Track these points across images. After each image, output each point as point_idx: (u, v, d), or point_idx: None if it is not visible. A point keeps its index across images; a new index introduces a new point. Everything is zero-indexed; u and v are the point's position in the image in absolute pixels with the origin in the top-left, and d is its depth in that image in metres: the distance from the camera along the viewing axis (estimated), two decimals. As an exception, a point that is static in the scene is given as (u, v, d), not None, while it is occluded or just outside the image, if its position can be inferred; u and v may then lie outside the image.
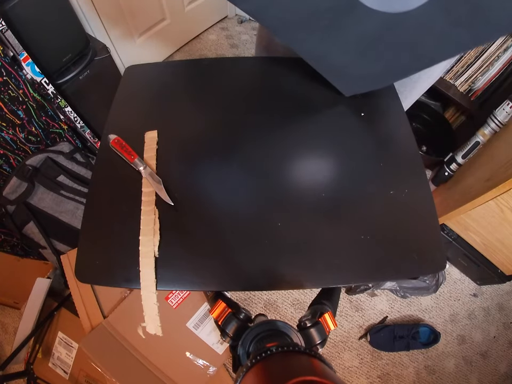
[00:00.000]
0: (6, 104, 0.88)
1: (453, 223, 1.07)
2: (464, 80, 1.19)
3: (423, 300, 1.21)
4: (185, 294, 0.82)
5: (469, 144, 1.15)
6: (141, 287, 0.37)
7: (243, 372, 0.23)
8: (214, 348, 0.82)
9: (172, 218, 0.42)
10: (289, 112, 0.52)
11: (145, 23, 1.51)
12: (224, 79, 0.58)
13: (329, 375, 0.20)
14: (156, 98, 0.56)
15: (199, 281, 0.38)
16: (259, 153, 0.48)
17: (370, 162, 0.47)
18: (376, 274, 0.40)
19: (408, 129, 0.50)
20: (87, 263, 0.40)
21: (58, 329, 0.91)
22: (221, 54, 1.82)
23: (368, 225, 0.41)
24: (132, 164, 0.45)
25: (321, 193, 0.44)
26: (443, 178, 1.28)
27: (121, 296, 0.79)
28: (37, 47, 0.91)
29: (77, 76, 1.07)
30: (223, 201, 0.43)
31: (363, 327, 1.16)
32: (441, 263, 0.40)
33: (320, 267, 0.39)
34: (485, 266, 1.11)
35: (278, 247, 0.40)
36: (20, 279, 1.06)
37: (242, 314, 0.38)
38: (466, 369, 1.13)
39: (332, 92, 0.57)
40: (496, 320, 1.21)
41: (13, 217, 0.97)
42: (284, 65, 0.59)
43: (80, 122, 1.12)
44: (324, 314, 0.37)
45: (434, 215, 0.43)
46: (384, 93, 0.56)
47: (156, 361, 0.75)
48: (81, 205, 1.03)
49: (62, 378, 0.87)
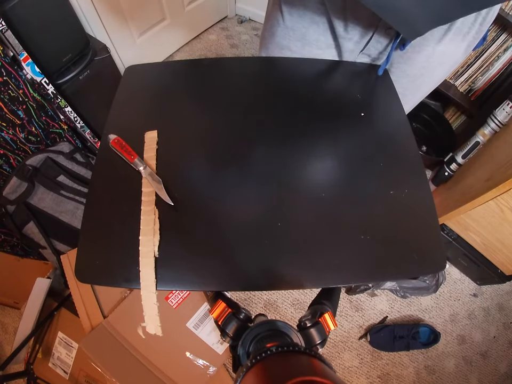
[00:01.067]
0: (6, 104, 0.88)
1: (453, 223, 1.08)
2: (464, 80, 1.19)
3: (423, 300, 1.21)
4: (185, 294, 0.82)
5: (469, 144, 1.15)
6: (141, 287, 0.37)
7: (243, 372, 0.23)
8: (214, 348, 0.82)
9: (172, 218, 0.42)
10: (289, 113, 0.52)
11: (145, 23, 1.51)
12: (224, 79, 0.58)
13: (329, 375, 0.20)
14: (156, 98, 0.56)
15: (199, 281, 0.38)
16: (259, 153, 0.48)
17: (370, 162, 0.47)
18: (376, 274, 0.40)
19: (408, 129, 0.50)
20: (87, 263, 0.40)
21: (58, 329, 0.91)
22: (221, 54, 1.82)
23: (368, 225, 0.41)
24: (131, 164, 0.45)
25: (321, 193, 0.44)
26: (443, 178, 1.28)
27: (121, 296, 0.79)
28: (37, 47, 0.91)
29: (77, 75, 1.07)
30: (223, 201, 0.43)
31: (363, 327, 1.16)
32: (441, 263, 0.40)
33: (320, 267, 0.39)
34: (485, 266, 1.12)
35: (278, 247, 0.40)
36: (20, 279, 1.06)
37: (242, 314, 0.38)
38: (466, 369, 1.13)
39: (332, 92, 0.57)
40: (496, 320, 1.21)
41: (13, 217, 0.97)
42: (284, 65, 0.59)
43: (80, 122, 1.12)
44: (324, 314, 0.37)
45: (434, 215, 0.43)
46: (385, 93, 0.56)
47: (156, 361, 0.75)
48: (81, 205, 1.03)
49: (62, 378, 0.87)
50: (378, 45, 0.54)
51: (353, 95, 0.55)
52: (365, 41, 0.54)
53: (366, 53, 0.57)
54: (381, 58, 0.57)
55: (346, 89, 0.58)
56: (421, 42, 0.51)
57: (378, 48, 0.55)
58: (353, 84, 0.58)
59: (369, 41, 0.54)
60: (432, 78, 0.58)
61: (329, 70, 0.60)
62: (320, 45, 0.57)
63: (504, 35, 1.02)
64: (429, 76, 0.57)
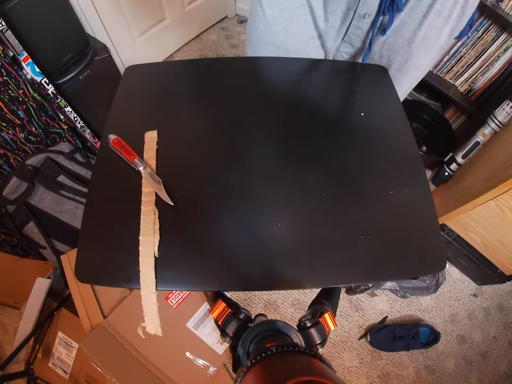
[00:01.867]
0: (6, 104, 0.88)
1: (453, 223, 1.08)
2: (464, 80, 1.19)
3: (423, 300, 1.21)
4: (185, 294, 0.82)
5: (469, 144, 1.15)
6: (140, 287, 0.37)
7: (243, 372, 0.23)
8: (214, 348, 0.82)
9: (172, 218, 0.42)
10: (289, 112, 0.52)
11: (145, 23, 1.51)
12: (224, 79, 0.58)
13: (329, 375, 0.20)
14: (156, 98, 0.56)
15: (199, 281, 0.38)
16: (259, 153, 0.48)
17: (370, 162, 0.47)
18: (376, 274, 0.40)
19: (408, 129, 0.50)
20: (87, 263, 0.40)
21: (58, 329, 0.91)
22: (221, 54, 1.82)
23: (368, 225, 0.41)
24: (131, 164, 0.45)
25: (321, 193, 0.44)
26: (443, 178, 1.28)
27: (121, 296, 0.79)
28: (37, 47, 0.91)
29: (77, 75, 1.07)
30: (223, 201, 0.43)
31: (363, 327, 1.16)
32: (441, 263, 0.40)
33: (320, 267, 0.39)
34: (485, 266, 1.11)
35: (278, 247, 0.40)
36: (20, 279, 1.06)
37: (242, 314, 0.38)
38: (466, 369, 1.13)
39: (332, 92, 0.57)
40: (496, 320, 1.21)
41: (13, 217, 0.97)
42: (284, 65, 0.59)
43: (80, 122, 1.12)
44: (324, 314, 0.37)
45: (434, 215, 0.43)
46: (385, 92, 0.56)
47: (156, 361, 0.75)
48: (81, 205, 1.03)
49: (62, 378, 0.87)
50: (358, 31, 0.54)
51: (353, 95, 0.55)
52: (345, 27, 0.54)
53: (348, 41, 0.57)
54: (364, 48, 0.57)
55: (346, 89, 0.58)
56: (401, 27, 0.51)
57: (359, 35, 0.55)
58: (353, 84, 0.58)
59: (349, 27, 0.53)
60: (418, 65, 0.57)
61: (330, 70, 0.60)
62: (302, 37, 0.57)
63: (504, 35, 1.02)
64: (414, 62, 0.56)
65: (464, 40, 1.10)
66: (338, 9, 0.51)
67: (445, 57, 1.18)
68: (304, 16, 0.54)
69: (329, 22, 0.54)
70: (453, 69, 1.19)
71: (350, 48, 0.58)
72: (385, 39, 0.54)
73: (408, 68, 0.57)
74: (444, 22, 0.49)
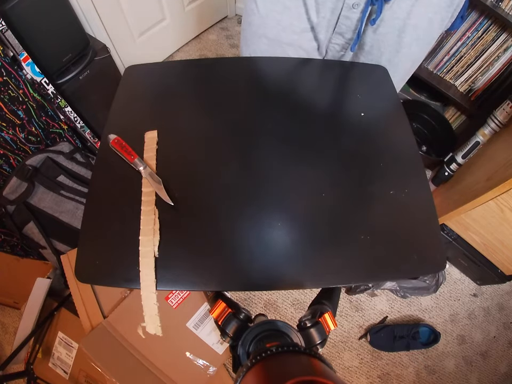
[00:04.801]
0: (6, 104, 0.88)
1: (453, 223, 1.08)
2: (464, 80, 1.19)
3: (423, 300, 1.21)
4: (185, 294, 0.82)
5: (469, 144, 1.15)
6: (140, 287, 0.37)
7: (243, 372, 0.23)
8: (214, 348, 0.82)
9: (172, 218, 0.42)
10: (289, 112, 0.52)
11: (145, 23, 1.51)
12: (224, 79, 0.58)
13: (329, 375, 0.20)
14: (156, 98, 0.56)
15: (199, 281, 0.38)
16: (259, 153, 0.48)
17: (370, 162, 0.47)
18: (376, 274, 0.40)
19: (408, 129, 0.50)
20: (87, 263, 0.40)
21: (58, 329, 0.91)
22: (221, 54, 1.82)
23: (368, 225, 0.41)
24: (131, 164, 0.45)
25: (321, 193, 0.44)
26: (443, 178, 1.28)
27: (121, 296, 0.79)
28: (37, 47, 0.91)
29: (77, 75, 1.07)
30: (223, 201, 0.43)
31: (363, 327, 1.16)
32: (441, 263, 0.40)
33: (320, 267, 0.39)
34: (485, 266, 1.12)
35: (278, 247, 0.40)
36: (20, 279, 1.06)
37: (242, 314, 0.38)
38: (466, 369, 1.13)
39: (332, 92, 0.57)
40: (496, 320, 1.21)
41: (13, 217, 0.97)
42: (284, 65, 0.59)
43: (80, 122, 1.12)
44: (324, 314, 0.37)
45: (434, 215, 0.43)
46: (385, 93, 0.56)
47: (156, 361, 0.75)
48: (81, 205, 1.03)
49: (62, 378, 0.87)
50: (348, 22, 0.54)
51: (353, 95, 0.55)
52: (336, 17, 0.54)
53: (339, 31, 0.57)
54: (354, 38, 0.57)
55: (346, 89, 0.58)
56: (390, 16, 0.51)
57: (349, 26, 0.54)
58: (353, 84, 0.58)
59: (339, 17, 0.53)
60: (409, 56, 0.57)
61: (330, 70, 0.60)
62: (295, 29, 0.57)
63: (504, 35, 1.02)
64: (405, 53, 0.56)
65: (464, 40, 1.10)
66: (328, 0, 0.52)
67: (445, 57, 1.18)
68: (297, 8, 0.54)
69: (320, 13, 0.54)
70: (453, 69, 1.19)
71: (341, 39, 0.58)
72: (375, 29, 0.54)
73: (399, 59, 0.57)
74: (433, 11, 0.49)
